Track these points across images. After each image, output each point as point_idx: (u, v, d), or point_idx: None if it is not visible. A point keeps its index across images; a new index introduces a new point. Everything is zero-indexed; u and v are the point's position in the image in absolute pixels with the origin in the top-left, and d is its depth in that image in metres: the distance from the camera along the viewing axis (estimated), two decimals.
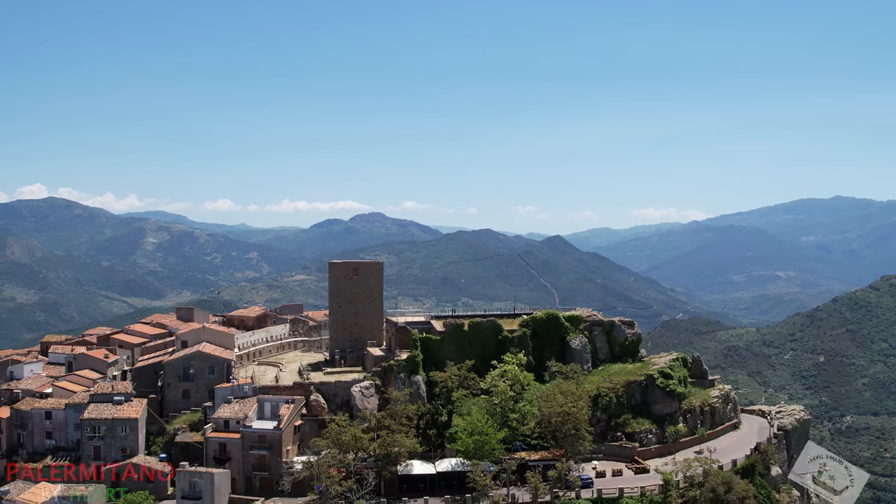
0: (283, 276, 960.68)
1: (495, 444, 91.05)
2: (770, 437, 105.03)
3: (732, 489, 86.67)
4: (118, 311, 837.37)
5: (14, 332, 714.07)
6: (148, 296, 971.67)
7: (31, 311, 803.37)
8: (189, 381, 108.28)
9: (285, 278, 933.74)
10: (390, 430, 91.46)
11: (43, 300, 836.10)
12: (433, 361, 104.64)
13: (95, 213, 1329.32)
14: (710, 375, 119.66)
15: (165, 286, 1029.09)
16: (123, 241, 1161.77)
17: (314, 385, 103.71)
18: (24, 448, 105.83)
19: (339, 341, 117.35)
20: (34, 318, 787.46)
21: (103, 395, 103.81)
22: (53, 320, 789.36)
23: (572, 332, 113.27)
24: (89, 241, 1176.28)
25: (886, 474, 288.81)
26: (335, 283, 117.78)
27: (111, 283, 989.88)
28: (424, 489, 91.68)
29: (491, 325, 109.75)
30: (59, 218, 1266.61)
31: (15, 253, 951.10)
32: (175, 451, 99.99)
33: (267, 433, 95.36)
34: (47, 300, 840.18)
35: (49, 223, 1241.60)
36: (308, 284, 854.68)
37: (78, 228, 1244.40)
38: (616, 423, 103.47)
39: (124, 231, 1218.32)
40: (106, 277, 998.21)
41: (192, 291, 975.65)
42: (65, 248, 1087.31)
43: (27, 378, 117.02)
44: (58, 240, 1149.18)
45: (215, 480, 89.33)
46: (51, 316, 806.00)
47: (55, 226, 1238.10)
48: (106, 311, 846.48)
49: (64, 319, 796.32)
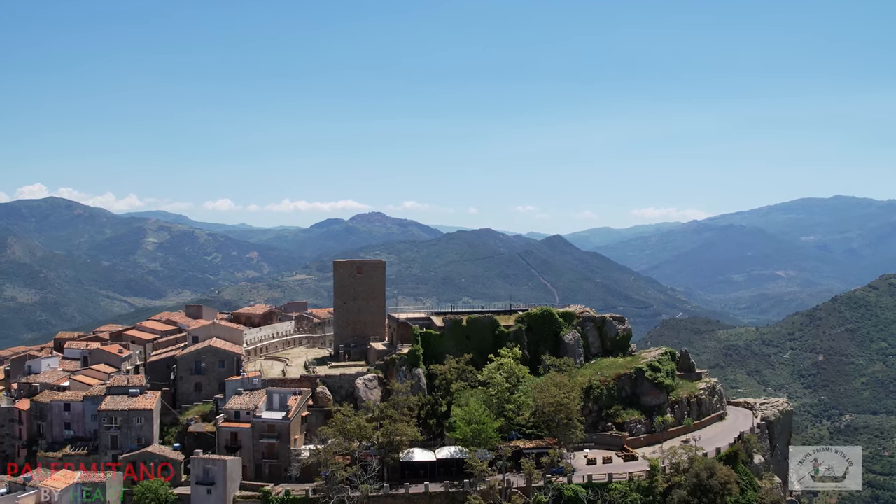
0: (284, 275, 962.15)
1: (492, 433, 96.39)
2: (753, 427, 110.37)
3: (715, 475, 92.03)
4: (119, 311, 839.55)
5: (15, 331, 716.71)
6: (148, 295, 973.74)
7: (32, 310, 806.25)
8: (201, 374, 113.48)
9: (286, 278, 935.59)
10: (393, 419, 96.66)
11: (44, 300, 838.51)
12: (433, 355, 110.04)
13: (96, 213, 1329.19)
14: (697, 369, 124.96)
15: (166, 286, 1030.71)
16: (124, 241, 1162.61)
17: (320, 378, 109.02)
18: (43, 438, 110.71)
19: (343, 337, 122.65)
20: (35, 318, 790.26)
21: (119, 387, 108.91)
22: (54, 320, 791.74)
23: (566, 328, 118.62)
24: (90, 241, 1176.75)
25: (885, 473, 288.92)
26: (339, 281, 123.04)
27: (112, 282, 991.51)
28: (425, 475, 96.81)
29: (488, 320, 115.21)
30: (60, 218, 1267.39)
31: (16, 253, 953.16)
32: (188, 440, 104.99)
33: (276, 423, 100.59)
34: (48, 300, 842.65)
35: (50, 223, 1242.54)
36: (308, 284, 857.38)
37: (78, 228, 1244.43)
38: (607, 414, 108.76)
39: (125, 231, 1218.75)
40: (106, 277, 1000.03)
41: (193, 291, 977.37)
42: (65, 247, 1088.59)
43: (45, 372, 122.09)
44: (58, 240, 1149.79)
45: (228, 467, 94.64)
46: (52, 316, 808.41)
47: (56, 225, 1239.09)
48: (107, 311, 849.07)
49: (65, 319, 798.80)
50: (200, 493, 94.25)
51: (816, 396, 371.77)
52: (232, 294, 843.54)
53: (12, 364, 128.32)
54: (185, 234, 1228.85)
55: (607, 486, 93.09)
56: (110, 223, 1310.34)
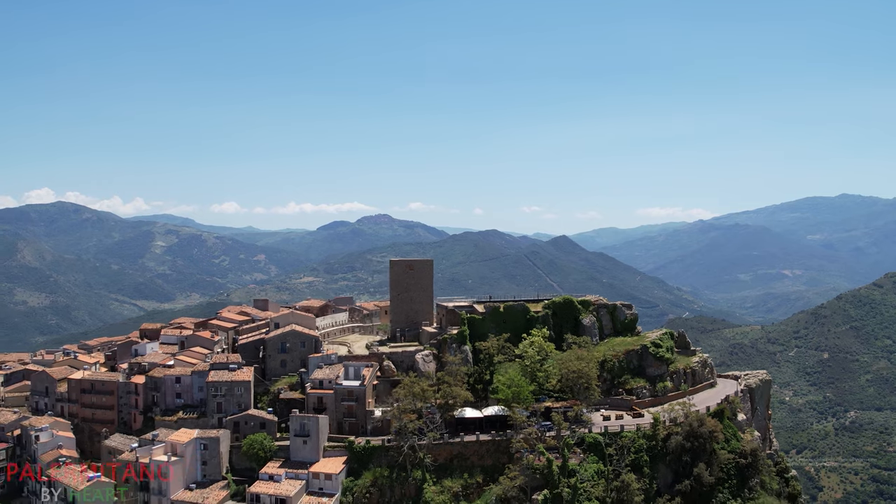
0: (292, 277, 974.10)
1: (527, 395, 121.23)
2: (737, 391, 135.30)
3: (704, 424, 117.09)
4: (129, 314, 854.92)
5: (27, 335, 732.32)
6: (157, 298, 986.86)
7: (43, 314, 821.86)
8: (285, 353, 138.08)
9: (293, 280, 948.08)
10: (449, 384, 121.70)
11: (54, 304, 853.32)
12: (476, 335, 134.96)
13: (104, 217, 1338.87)
14: (692, 347, 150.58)
15: (175, 289, 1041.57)
16: (132, 245, 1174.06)
17: (385, 354, 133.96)
18: (157, 406, 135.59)
19: (398, 322, 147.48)
20: (46, 322, 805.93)
21: (220, 364, 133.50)
22: (65, 324, 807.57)
23: (584, 313, 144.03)
24: (98, 245, 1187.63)
25: (890, 468, 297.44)
26: (395, 277, 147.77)
27: (121, 286, 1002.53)
28: (475, 428, 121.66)
29: (521, 307, 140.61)
30: (68, 222, 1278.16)
31: (26, 257, 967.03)
32: (279, 405, 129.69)
33: (354, 389, 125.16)
34: (59, 303, 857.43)
35: (58, 227, 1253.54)
36: (316, 286, 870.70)
37: (87, 232, 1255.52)
38: (618, 382, 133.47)
39: (133, 234, 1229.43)
40: (116, 281, 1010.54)
41: (202, 294, 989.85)
42: (74, 251, 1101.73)
43: (149, 354, 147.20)
44: (67, 244, 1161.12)
45: (319, 422, 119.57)
46: (62, 319, 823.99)
47: (64, 230, 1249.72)
48: (116, 315, 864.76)
49: (75, 323, 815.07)
50: (298, 444, 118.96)
51: (822, 393, 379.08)
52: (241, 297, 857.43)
53: (118, 348, 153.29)
54: (192, 237, 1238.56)
55: (620, 434, 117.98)
56: (118, 227, 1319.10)
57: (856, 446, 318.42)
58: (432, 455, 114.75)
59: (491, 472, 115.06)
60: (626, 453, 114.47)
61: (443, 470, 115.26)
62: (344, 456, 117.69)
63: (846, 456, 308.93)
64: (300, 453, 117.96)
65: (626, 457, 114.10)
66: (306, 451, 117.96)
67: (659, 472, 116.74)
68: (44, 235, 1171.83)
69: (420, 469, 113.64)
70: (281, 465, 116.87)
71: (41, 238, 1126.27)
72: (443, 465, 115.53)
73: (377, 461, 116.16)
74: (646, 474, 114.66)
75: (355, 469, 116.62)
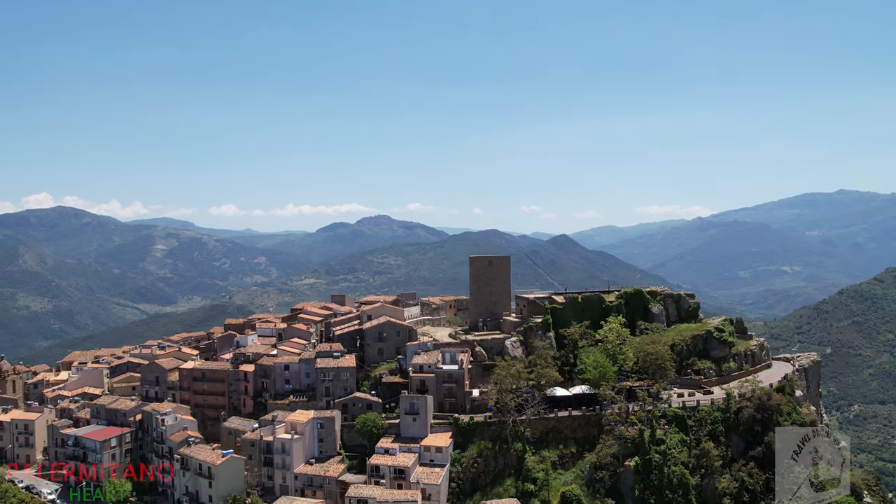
0: (293, 279, 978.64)
1: (611, 375, 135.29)
2: (793, 371, 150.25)
3: (772, 398, 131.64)
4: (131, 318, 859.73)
5: (30, 339, 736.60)
6: (159, 302, 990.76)
7: (46, 319, 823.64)
8: (382, 342, 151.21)
9: (295, 282, 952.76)
10: (540, 366, 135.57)
11: (57, 308, 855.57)
12: (557, 323, 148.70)
13: (104, 221, 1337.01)
14: (748, 332, 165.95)
15: (176, 292, 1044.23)
16: (133, 248, 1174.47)
17: (475, 342, 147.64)
18: (266, 391, 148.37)
19: (479, 313, 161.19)
20: (49, 326, 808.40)
21: (325, 352, 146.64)
22: (68, 328, 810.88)
23: (652, 302, 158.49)
24: (99, 249, 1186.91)
25: (894, 461, 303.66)
26: (475, 272, 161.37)
27: (122, 290, 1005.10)
28: (565, 405, 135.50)
29: (597, 297, 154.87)
30: (69, 226, 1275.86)
31: (27, 262, 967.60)
32: (381, 389, 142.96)
33: (453, 372, 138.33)
34: (61, 308, 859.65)
35: (59, 232, 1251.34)
36: (318, 287, 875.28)
37: (87, 236, 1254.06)
38: (686, 364, 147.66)
39: (133, 238, 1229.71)
40: (117, 284, 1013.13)
41: (203, 297, 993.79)
42: (75, 255, 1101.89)
43: (250, 345, 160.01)
44: (68, 248, 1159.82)
45: (427, 402, 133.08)
46: (65, 324, 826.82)
47: (65, 234, 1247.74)
48: (119, 318, 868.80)
49: (78, 327, 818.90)
50: (408, 421, 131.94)
51: (825, 388, 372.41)
52: (243, 298, 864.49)
53: (219, 341, 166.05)
54: (193, 240, 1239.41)
55: (696, 409, 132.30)
56: (118, 231, 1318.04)
57: (860, 440, 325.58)
58: (531, 429, 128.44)
59: (583, 443, 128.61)
60: (704, 424, 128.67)
61: (540, 442, 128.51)
62: (449, 431, 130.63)
63: (850, 450, 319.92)
64: (410, 430, 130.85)
65: (704, 427, 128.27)
66: (416, 428, 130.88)
67: (732, 441, 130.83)
68: (44, 240, 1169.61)
69: (521, 441, 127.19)
70: (393, 440, 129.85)
71: (42, 243, 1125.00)
72: (540, 437, 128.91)
73: (480, 435, 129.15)
74: (721, 443, 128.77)
75: (461, 443, 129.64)
